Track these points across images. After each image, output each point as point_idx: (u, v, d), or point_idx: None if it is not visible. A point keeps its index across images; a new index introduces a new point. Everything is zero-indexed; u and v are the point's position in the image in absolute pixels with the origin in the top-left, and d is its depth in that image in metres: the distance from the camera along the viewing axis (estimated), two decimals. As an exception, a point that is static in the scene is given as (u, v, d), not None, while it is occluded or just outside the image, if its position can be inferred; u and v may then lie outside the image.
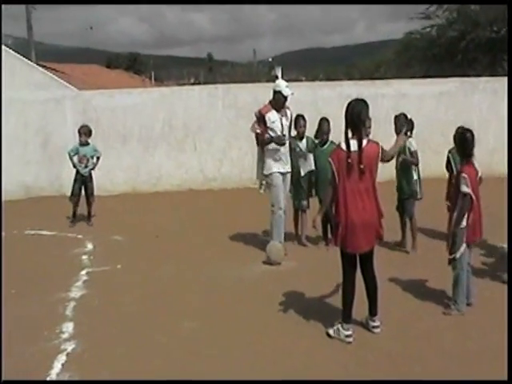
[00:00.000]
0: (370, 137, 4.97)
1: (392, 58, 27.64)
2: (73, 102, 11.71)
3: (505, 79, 12.52)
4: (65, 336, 5.02)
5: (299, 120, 7.56)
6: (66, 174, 11.01)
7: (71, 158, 9.07)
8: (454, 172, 7.62)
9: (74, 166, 9.09)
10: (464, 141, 5.16)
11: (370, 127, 6.17)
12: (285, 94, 7.01)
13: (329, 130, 7.52)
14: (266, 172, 7.16)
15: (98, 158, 9.20)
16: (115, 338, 4.99)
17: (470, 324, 5.05)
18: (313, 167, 7.55)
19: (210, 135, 11.95)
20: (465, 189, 5.03)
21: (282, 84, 7.05)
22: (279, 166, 7.08)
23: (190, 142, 11.94)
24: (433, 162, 10.14)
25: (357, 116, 4.68)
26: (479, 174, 5.20)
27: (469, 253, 5.29)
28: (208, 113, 11.93)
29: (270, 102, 7.18)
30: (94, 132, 9.31)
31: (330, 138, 7.50)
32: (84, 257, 7.48)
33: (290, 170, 7.22)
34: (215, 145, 11.98)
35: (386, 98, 12.07)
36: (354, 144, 4.63)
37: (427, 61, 23.11)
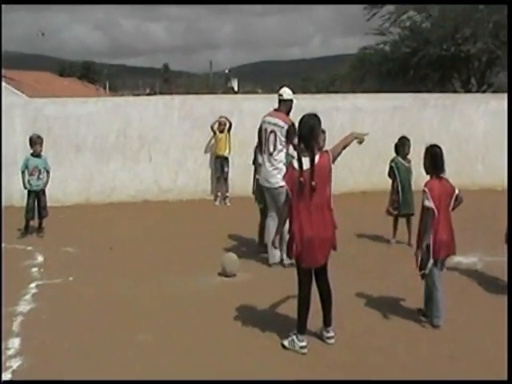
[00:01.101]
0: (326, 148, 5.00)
1: (347, 72, 28.15)
2: (22, 109, 11.41)
3: (454, 96, 12.89)
4: (10, 352, 4.84)
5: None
6: (15, 184, 10.72)
7: (23, 176, 8.85)
8: (397, 179, 8.10)
9: (25, 186, 8.87)
10: (435, 156, 5.24)
11: (324, 140, 6.19)
12: (295, 101, 7.19)
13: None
14: (280, 184, 6.59)
15: (47, 173, 8.98)
16: (65, 353, 4.85)
17: (423, 335, 5.12)
18: None
19: (165, 146, 11.85)
20: (426, 203, 5.07)
21: (288, 91, 7.18)
22: None
23: (145, 152, 11.81)
24: (385, 175, 10.32)
25: (309, 131, 4.70)
26: (456, 192, 5.18)
27: (440, 269, 5.22)
28: (164, 123, 11.83)
29: (279, 110, 7.10)
30: (45, 141, 9.09)
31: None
32: (34, 269, 7.26)
33: None
34: (171, 156, 11.88)
35: (342, 111, 12.23)
36: (306, 162, 4.64)
37: (381, 76, 23.66)
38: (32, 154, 8.90)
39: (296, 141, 6.36)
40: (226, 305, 5.86)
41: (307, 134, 4.69)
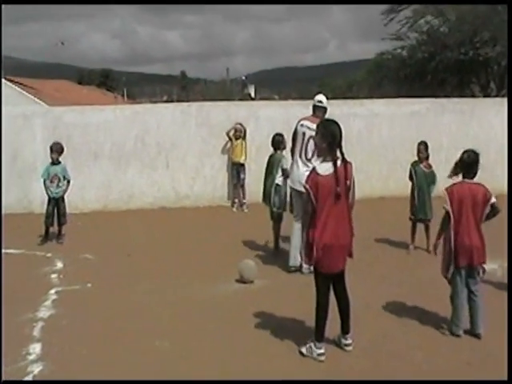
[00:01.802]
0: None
1: (364, 77, 28.06)
2: (42, 118, 11.55)
3: (472, 100, 12.78)
4: (32, 357, 4.90)
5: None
6: (35, 192, 10.86)
7: (45, 184, 8.99)
8: (415, 185, 8.15)
9: (47, 193, 9.01)
10: (467, 160, 5.11)
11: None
12: (327, 106, 7.23)
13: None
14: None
15: (68, 182, 9.08)
16: (85, 358, 4.89)
17: (442, 342, 5.08)
18: None
19: (182, 153, 11.91)
20: (443, 205, 5.04)
21: (323, 97, 7.26)
22: None
23: (163, 159, 11.88)
24: (403, 181, 10.27)
25: (331, 136, 4.65)
26: (491, 201, 5.01)
27: (468, 277, 5.10)
28: (181, 130, 11.89)
29: (317, 116, 7.09)
30: (64, 149, 9.19)
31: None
32: (53, 275, 7.33)
33: None
34: (188, 163, 11.94)
35: (359, 117, 12.20)
36: (329, 167, 4.62)
37: (398, 81, 23.55)
38: (51, 162, 9.03)
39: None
40: (243, 311, 5.86)
41: (329, 138, 4.65)
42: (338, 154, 4.66)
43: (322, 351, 4.79)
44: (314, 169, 4.76)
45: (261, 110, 12.16)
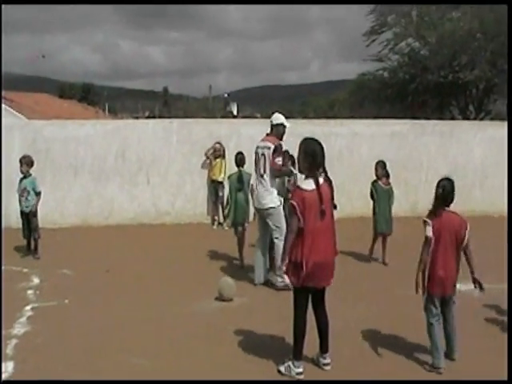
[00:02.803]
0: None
1: (346, 97, 28.37)
2: (21, 131, 11.43)
3: (452, 123, 12.97)
4: (4, 376, 4.78)
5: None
6: (12, 206, 10.72)
7: (19, 198, 8.93)
8: (375, 201, 8.61)
9: (19, 205, 8.95)
10: (443, 189, 4.96)
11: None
12: (286, 125, 7.31)
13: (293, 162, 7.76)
14: (274, 205, 7.14)
15: (38, 194, 8.90)
16: (60, 377, 4.79)
17: (422, 359, 5.09)
18: None
19: (163, 169, 11.87)
20: (425, 232, 4.93)
21: (280, 116, 7.38)
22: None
23: (144, 175, 11.82)
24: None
25: (311, 155, 4.71)
26: (466, 234, 4.88)
27: (442, 305, 5.03)
28: (162, 147, 11.87)
29: (269, 134, 7.36)
30: (43, 163, 9.10)
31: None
32: (29, 291, 7.21)
33: None
34: (169, 179, 11.90)
35: (340, 136, 12.29)
36: (311, 183, 4.66)
37: (379, 101, 23.86)
38: (22, 176, 8.91)
39: (279, 160, 6.99)
40: (222, 329, 5.83)
41: (310, 157, 4.71)
42: (320, 172, 4.72)
43: (300, 370, 4.77)
44: (297, 186, 4.83)
45: (242, 127, 12.19)
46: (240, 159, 8.61)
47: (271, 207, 7.14)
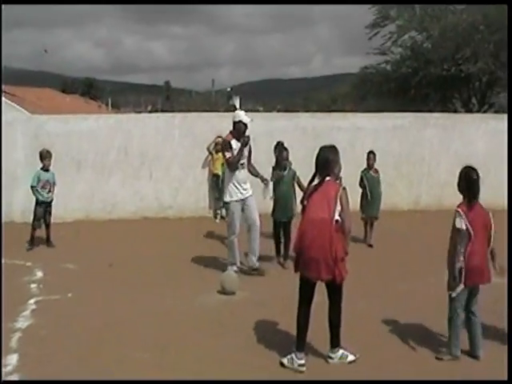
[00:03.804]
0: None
1: (348, 91, 28.26)
2: (24, 126, 11.44)
3: (454, 116, 12.93)
4: (8, 369, 4.81)
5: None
6: (16, 200, 10.76)
7: (34, 190, 9.02)
8: (367, 189, 9.23)
9: (38, 198, 9.06)
10: (469, 181, 4.98)
11: (339, 172, 5.93)
12: (245, 121, 7.44)
13: (288, 157, 8.06)
14: (225, 199, 7.51)
15: (54, 186, 9.29)
16: (64, 369, 4.83)
17: (428, 354, 5.09)
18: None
19: (166, 163, 11.88)
20: (457, 224, 4.88)
21: (241, 113, 7.58)
22: (238, 194, 7.42)
23: (146, 169, 11.84)
24: (386, 194, 10.34)
25: (323, 161, 4.91)
26: (491, 227, 4.96)
27: (470, 297, 5.00)
28: (164, 141, 11.87)
29: (231, 131, 7.56)
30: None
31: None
32: (33, 285, 7.24)
33: (251, 193, 7.54)
34: (171, 173, 11.91)
35: (342, 130, 12.27)
36: (317, 180, 4.90)
37: (382, 95, 23.74)
38: (42, 169, 9.09)
39: (227, 154, 7.35)
40: (224, 323, 5.85)
41: (321, 163, 4.91)
42: (331, 176, 4.88)
43: (302, 362, 4.79)
44: (309, 182, 5.03)
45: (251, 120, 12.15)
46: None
47: (225, 202, 7.55)
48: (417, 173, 12.65)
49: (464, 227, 4.85)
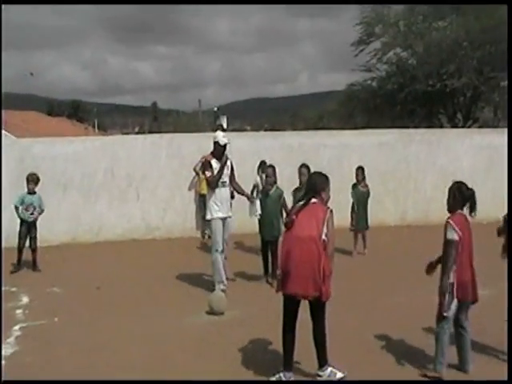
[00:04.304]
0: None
1: (335, 108, 28.47)
2: (9, 149, 11.37)
3: (439, 131, 13.04)
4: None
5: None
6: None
7: (17, 210, 9.08)
8: (355, 200, 9.83)
9: (20, 217, 9.10)
10: (465, 195, 4.96)
11: (328, 199, 5.90)
12: (221, 143, 7.61)
13: (275, 173, 8.10)
14: (208, 217, 7.67)
15: (42, 211, 9.28)
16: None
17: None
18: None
19: (153, 184, 11.84)
20: (449, 235, 4.83)
21: (218, 135, 7.74)
22: (219, 212, 7.57)
23: (133, 191, 11.79)
24: (373, 210, 10.37)
25: (312, 186, 5.02)
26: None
27: (461, 312, 4.93)
28: (151, 162, 11.85)
29: (212, 152, 7.74)
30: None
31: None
32: (18, 311, 7.14)
33: (231, 214, 7.75)
34: (158, 194, 11.87)
35: (328, 148, 12.31)
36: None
37: (369, 111, 23.98)
38: (28, 192, 9.12)
39: (207, 173, 7.55)
40: (212, 343, 5.80)
41: (310, 187, 5.03)
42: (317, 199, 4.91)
43: (291, 380, 4.77)
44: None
45: (232, 140, 12.17)
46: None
47: (206, 219, 7.82)
48: (403, 188, 12.69)
49: (457, 238, 4.81)
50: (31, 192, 9.12)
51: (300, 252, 4.70)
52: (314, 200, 4.88)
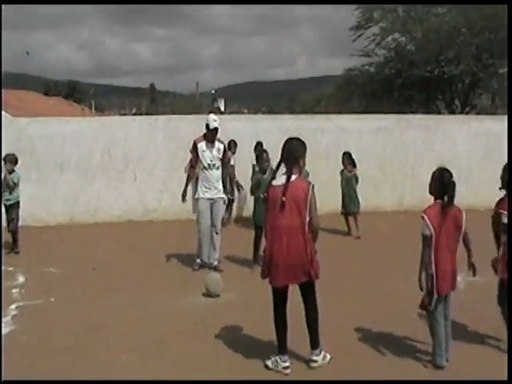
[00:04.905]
0: (310, 169, 5.01)
1: (333, 93, 28.37)
2: (5, 129, 11.31)
3: (437, 117, 13.01)
4: (-11, 375, 4.75)
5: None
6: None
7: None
8: (343, 185, 10.06)
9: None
10: (444, 183, 4.84)
11: (303, 165, 5.84)
12: (211, 126, 7.70)
13: (268, 159, 7.95)
14: (195, 196, 7.94)
15: (15, 184, 8.97)
16: (46, 375, 4.76)
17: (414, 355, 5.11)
18: None
19: (150, 166, 11.82)
20: (422, 230, 4.72)
21: (210, 118, 7.82)
22: (207, 193, 7.78)
23: (130, 172, 11.77)
24: (370, 195, 10.40)
25: (290, 152, 4.79)
26: (463, 227, 4.77)
27: (444, 303, 4.87)
28: (148, 143, 11.82)
29: (204, 134, 7.87)
30: (28, 161, 9.06)
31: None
32: (14, 290, 7.16)
33: (221, 196, 7.91)
34: (155, 176, 11.85)
35: (326, 132, 12.30)
36: (283, 179, 4.71)
37: (366, 97, 23.87)
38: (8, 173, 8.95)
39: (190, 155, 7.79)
40: (208, 326, 5.82)
41: (288, 154, 4.79)
42: (296, 171, 4.72)
43: (286, 364, 4.78)
44: (270, 180, 4.89)
45: (229, 123, 12.15)
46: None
47: (195, 198, 8.02)
48: (400, 174, 12.71)
49: (428, 233, 4.69)
50: (10, 172, 8.91)
51: (287, 246, 4.63)
52: (293, 177, 4.67)
